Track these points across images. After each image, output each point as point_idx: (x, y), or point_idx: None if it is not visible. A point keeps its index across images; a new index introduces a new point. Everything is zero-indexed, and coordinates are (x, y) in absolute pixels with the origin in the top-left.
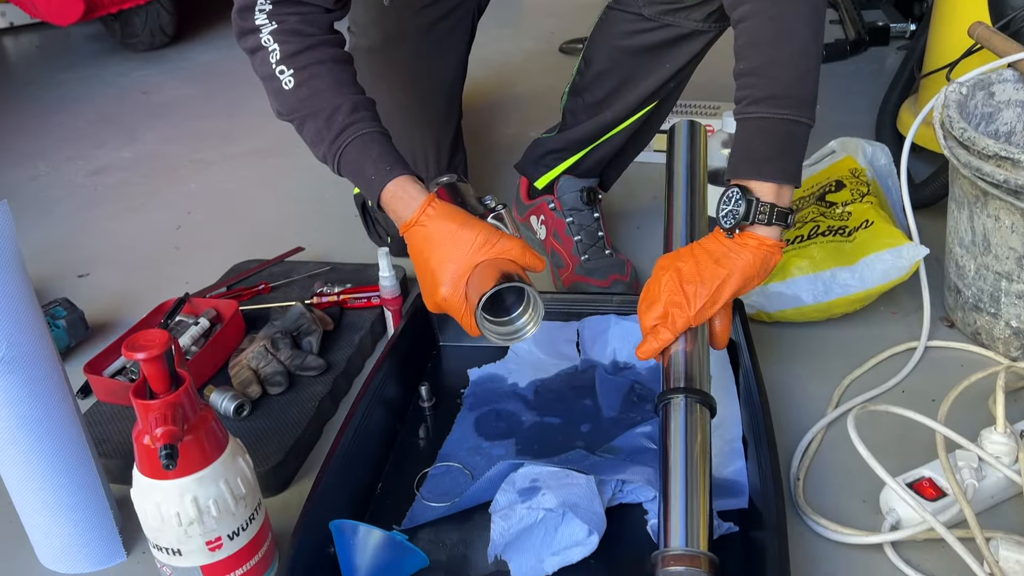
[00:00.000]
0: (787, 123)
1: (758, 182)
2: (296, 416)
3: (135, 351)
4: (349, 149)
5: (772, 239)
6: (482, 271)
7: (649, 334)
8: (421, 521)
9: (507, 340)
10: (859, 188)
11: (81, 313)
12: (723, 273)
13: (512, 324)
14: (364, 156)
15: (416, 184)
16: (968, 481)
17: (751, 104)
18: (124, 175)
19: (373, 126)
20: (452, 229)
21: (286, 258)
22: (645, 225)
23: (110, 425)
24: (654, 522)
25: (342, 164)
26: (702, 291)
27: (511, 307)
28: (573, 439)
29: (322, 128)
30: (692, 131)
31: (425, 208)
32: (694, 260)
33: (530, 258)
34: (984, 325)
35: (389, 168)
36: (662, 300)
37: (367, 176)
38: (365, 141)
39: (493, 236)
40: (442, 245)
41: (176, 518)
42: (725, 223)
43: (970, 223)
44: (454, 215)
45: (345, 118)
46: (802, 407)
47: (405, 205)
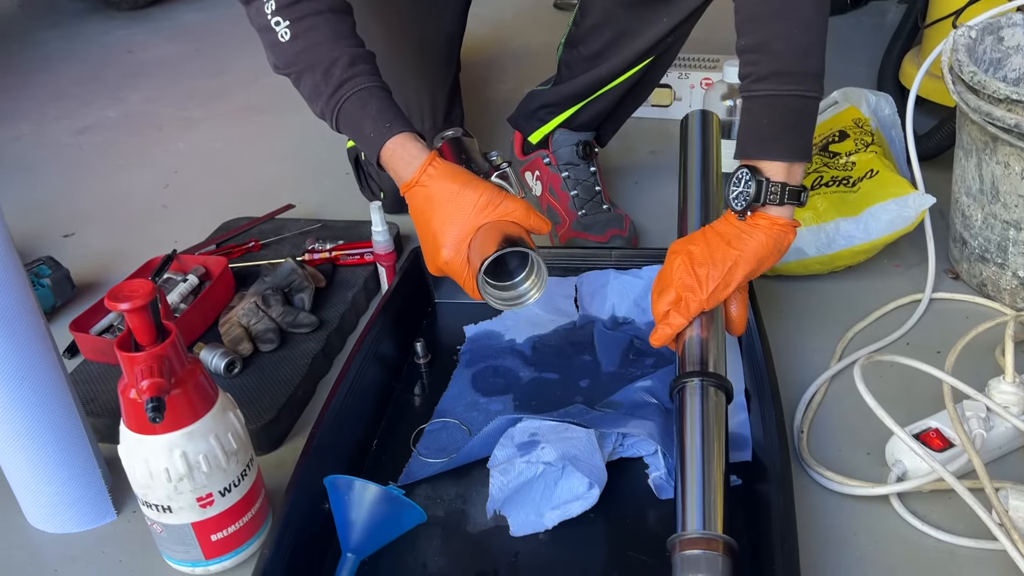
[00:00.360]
0: (794, 99)
1: (768, 162)
2: (289, 373)
3: (119, 301)
4: (347, 105)
5: (785, 218)
6: (485, 234)
7: (662, 320)
8: (418, 477)
9: (509, 305)
10: (863, 138)
11: (66, 272)
12: (735, 254)
13: (515, 289)
14: (362, 112)
15: (417, 142)
16: (976, 431)
17: (756, 81)
18: (110, 134)
19: (372, 80)
20: (454, 190)
21: (276, 215)
22: (643, 180)
23: (97, 384)
24: (655, 475)
25: (340, 120)
26: (714, 273)
27: (514, 271)
28: (572, 394)
29: (319, 83)
30: (704, 120)
31: (426, 167)
32: (706, 242)
33: (534, 220)
34: (990, 276)
35: (388, 125)
36: (674, 284)
37: (366, 133)
38: (364, 96)
39: (496, 197)
40: (443, 206)
41: (165, 474)
42: (736, 205)
43: (978, 171)
44: (456, 175)
45: (343, 72)
46: (805, 360)
47: (405, 164)
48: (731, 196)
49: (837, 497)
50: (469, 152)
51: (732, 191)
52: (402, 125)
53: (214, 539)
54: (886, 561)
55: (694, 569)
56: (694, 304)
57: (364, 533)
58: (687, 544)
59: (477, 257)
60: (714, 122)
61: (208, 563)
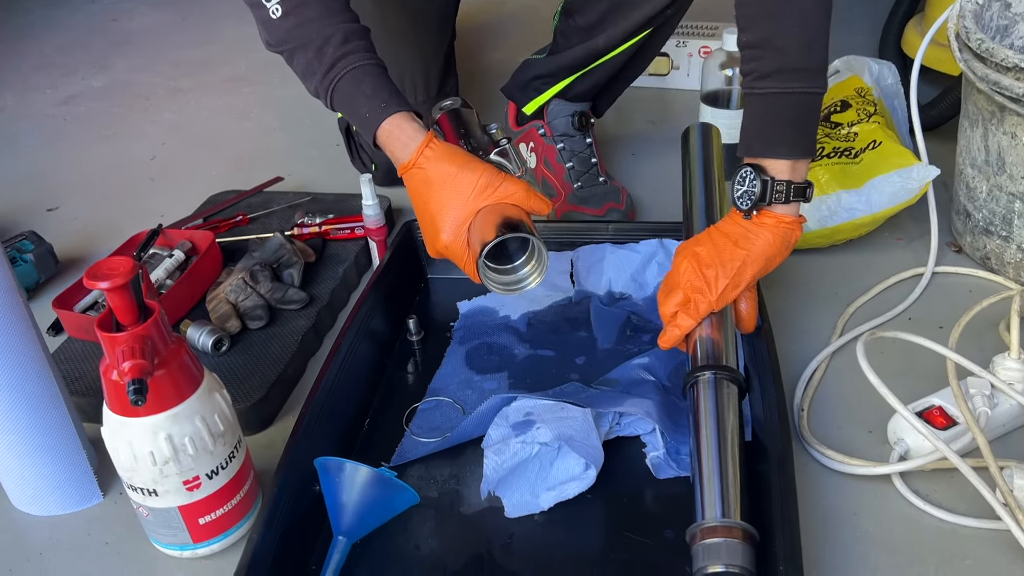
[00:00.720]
0: (797, 96)
1: (772, 160)
2: (278, 351)
3: (98, 280)
4: (341, 84)
5: (791, 216)
6: (485, 217)
7: (670, 322)
8: (411, 457)
9: (509, 290)
10: (866, 108)
11: (50, 247)
12: (742, 255)
13: (515, 273)
14: (357, 91)
15: (413, 122)
16: (980, 409)
17: (758, 79)
18: (94, 104)
19: (367, 58)
20: (452, 172)
21: (264, 188)
22: (640, 151)
23: (82, 362)
24: (653, 455)
25: (335, 100)
26: (723, 274)
27: (514, 255)
28: (568, 372)
29: (312, 61)
30: (705, 133)
31: (423, 149)
32: (712, 243)
33: (535, 201)
34: (994, 249)
35: (384, 105)
36: (681, 286)
37: (361, 113)
38: (358, 75)
39: (496, 179)
40: (442, 189)
41: (150, 457)
42: (741, 204)
43: (984, 142)
44: (454, 156)
45: (336, 50)
46: (805, 336)
47: (403, 146)
48: (736, 195)
49: (838, 476)
50: (468, 125)
51: (736, 190)
52: (398, 104)
53: (202, 522)
54: (888, 541)
55: (714, 558)
56: (703, 305)
57: (356, 515)
58: (707, 533)
59: (477, 240)
60: (715, 135)
61: (196, 546)
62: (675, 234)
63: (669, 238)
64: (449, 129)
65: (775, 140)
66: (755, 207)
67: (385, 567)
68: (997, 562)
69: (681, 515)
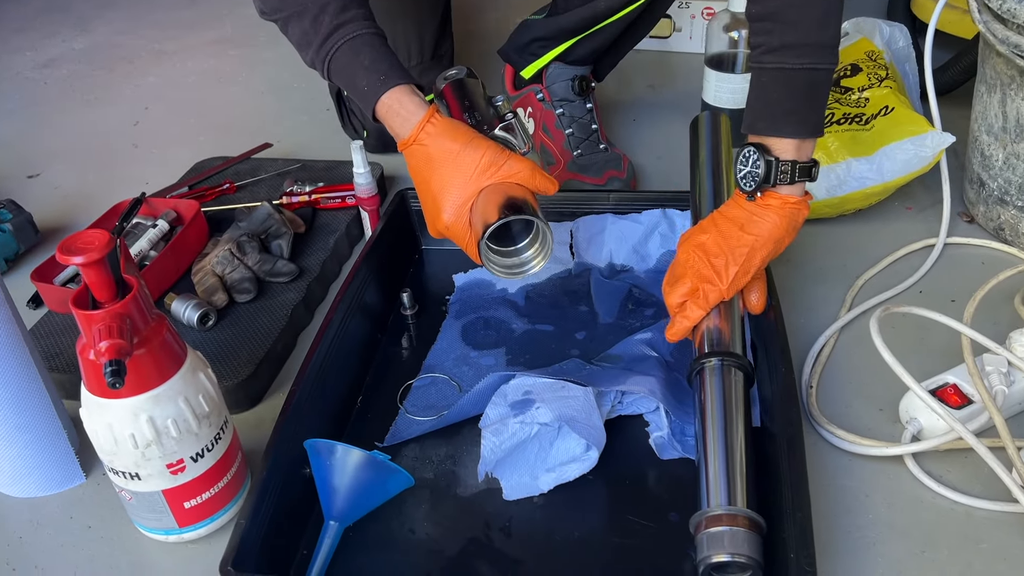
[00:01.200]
0: (807, 73)
1: (777, 139)
2: (267, 325)
3: (71, 254)
4: (338, 55)
5: (796, 196)
6: (487, 196)
7: (678, 312)
8: (405, 436)
9: (512, 274)
10: (877, 72)
11: (29, 216)
12: (750, 240)
13: (518, 256)
14: (355, 62)
15: (413, 96)
16: (997, 387)
17: (766, 53)
18: (76, 67)
19: (365, 27)
20: (454, 150)
21: (252, 155)
22: (642, 117)
23: (62, 337)
24: (656, 435)
25: (332, 71)
26: (732, 262)
27: (517, 236)
28: (567, 347)
29: (308, 30)
30: (714, 122)
31: (424, 125)
32: (718, 231)
33: (540, 181)
34: (1009, 219)
35: (383, 78)
36: (689, 276)
37: (359, 86)
38: (356, 45)
39: (500, 157)
40: (443, 167)
41: (131, 440)
42: (744, 186)
43: (1002, 107)
44: (456, 133)
45: (333, 18)
46: (812, 310)
47: (403, 121)
48: (739, 176)
49: (848, 457)
50: (473, 97)
51: (740, 170)
52: (398, 76)
53: (187, 506)
54: (900, 524)
55: (719, 547)
56: (713, 295)
57: (348, 500)
58: (711, 522)
59: (479, 221)
60: (724, 124)
61: (182, 531)
62: (679, 204)
63: (672, 208)
64: (453, 101)
65: (781, 119)
66: (759, 189)
67: (379, 552)
68: (1014, 546)
69: (686, 498)
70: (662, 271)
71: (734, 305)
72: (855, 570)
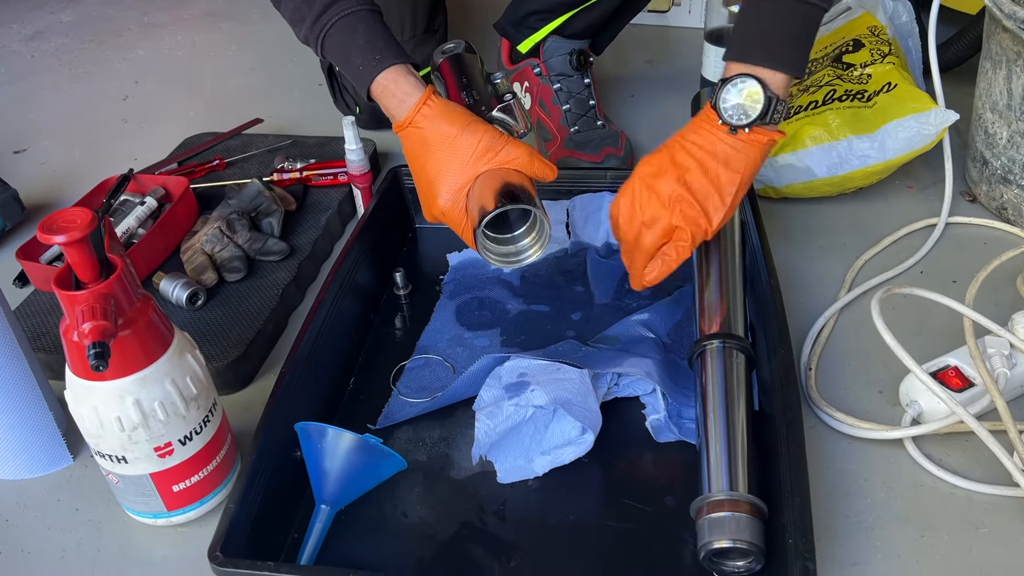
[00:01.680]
0: (808, 7)
1: (770, 71)
2: (257, 305)
3: (53, 233)
4: (332, 32)
5: (777, 131)
6: (484, 182)
7: (659, 255)
8: (398, 419)
9: (508, 262)
10: (880, 48)
11: (15, 192)
12: (737, 179)
13: (514, 244)
14: (350, 41)
15: (409, 77)
16: (999, 370)
17: None
18: (64, 40)
19: (359, 3)
20: (450, 134)
21: (243, 131)
22: (640, 93)
23: (49, 316)
24: (653, 417)
25: (326, 49)
26: (721, 203)
27: (514, 223)
28: (563, 328)
29: (301, 5)
30: None
31: (420, 107)
32: (700, 168)
33: (538, 167)
34: (1012, 199)
35: (378, 57)
36: (672, 216)
37: (354, 65)
38: (351, 22)
39: (497, 142)
40: (439, 151)
41: (117, 423)
42: (734, 119)
43: (1007, 84)
44: (453, 116)
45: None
46: (811, 290)
47: (398, 103)
48: (724, 106)
49: (847, 440)
50: (471, 74)
51: (724, 100)
52: (394, 56)
53: (176, 489)
54: (900, 508)
55: (720, 532)
56: (698, 235)
57: (339, 483)
58: (713, 507)
59: (476, 207)
60: None
61: (171, 514)
62: None
63: None
64: (451, 79)
65: (778, 50)
66: (749, 125)
67: (371, 536)
68: (1014, 531)
69: (683, 481)
70: None
71: (736, 284)
72: (854, 554)
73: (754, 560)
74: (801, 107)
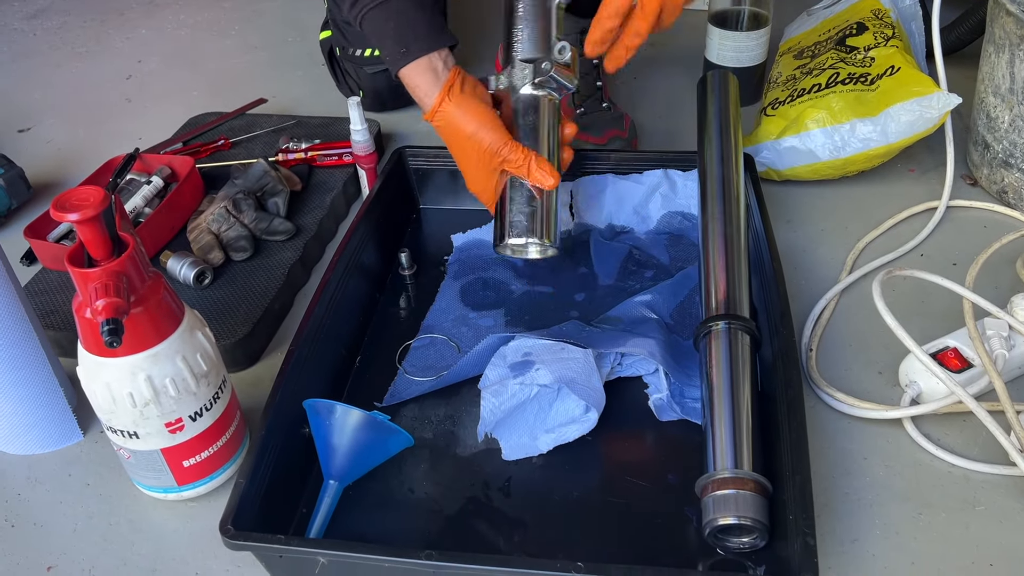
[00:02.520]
0: None
1: None
2: (264, 284)
3: (66, 211)
4: (371, 15)
5: None
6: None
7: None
8: (404, 397)
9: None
10: (883, 31)
11: (21, 171)
12: None
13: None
14: (384, 29)
15: (427, 73)
16: (998, 351)
17: None
18: (66, 19)
19: None
20: (460, 136)
21: (247, 110)
22: (643, 75)
23: (58, 294)
24: (656, 397)
25: (366, 37)
26: None
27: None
28: (567, 309)
29: None
30: (723, 82)
31: (436, 110)
32: None
33: (536, 175)
34: (1012, 183)
35: (403, 51)
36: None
37: (385, 53)
38: (387, 9)
39: (501, 148)
40: (455, 149)
41: (129, 399)
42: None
43: (1010, 68)
44: (465, 118)
45: None
46: (813, 272)
47: (420, 99)
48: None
49: (847, 419)
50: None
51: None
52: (419, 48)
53: (186, 465)
54: (898, 486)
55: (726, 509)
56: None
57: (347, 459)
58: (718, 485)
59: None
60: (732, 83)
61: (181, 489)
62: (680, 164)
63: (674, 168)
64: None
65: None
66: None
67: (378, 511)
68: (1011, 508)
69: (684, 459)
70: (663, 232)
71: (741, 266)
72: (853, 531)
73: (758, 536)
74: (804, 90)
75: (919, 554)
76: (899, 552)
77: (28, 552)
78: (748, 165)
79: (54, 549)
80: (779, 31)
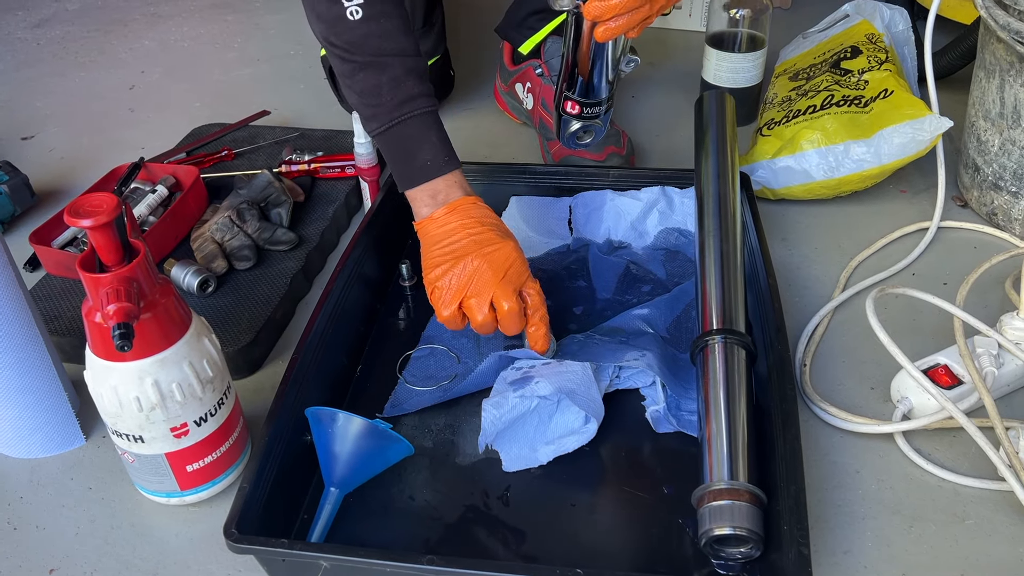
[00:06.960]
0: None
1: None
2: (266, 293)
3: (80, 217)
4: (398, 129)
5: None
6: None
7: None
8: (406, 408)
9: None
10: (877, 55)
11: (25, 178)
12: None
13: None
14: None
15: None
16: (987, 368)
17: None
18: (70, 29)
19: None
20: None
21: (250, 122)
22: (641, 94)
23: (61, 300)
24: (653, 409)
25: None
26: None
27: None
28: (565, 322)
29: (384, 87)
30: (720, 102)
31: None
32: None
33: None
34: (1002, 205)
35: (410, 177)
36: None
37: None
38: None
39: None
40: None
41: (136, 403)
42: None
43: (1000, 93)
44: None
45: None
46: (807, 289)
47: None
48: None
49: (840, 433)
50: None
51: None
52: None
53: (190, 470)
54: (890, 500)
55: (721, 520)
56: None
57: (349, 467)
58: (713, 495)
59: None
60: (728, 104)
61: (184, 494)
62: (677, 181)
63: (671, 186)
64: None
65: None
66: None
67: (378, 518)
68: (999, 523)
69: (680, 471)
70: (660, 248)
71: (737, 282)
72: (846, 543)
73: (753, 547)
74: (800, 111)
75: (910, 566)
76: (890, 564)
77: (30, 555)
78: (744, 184)
79: (56, 552)
80: (775, 53)
